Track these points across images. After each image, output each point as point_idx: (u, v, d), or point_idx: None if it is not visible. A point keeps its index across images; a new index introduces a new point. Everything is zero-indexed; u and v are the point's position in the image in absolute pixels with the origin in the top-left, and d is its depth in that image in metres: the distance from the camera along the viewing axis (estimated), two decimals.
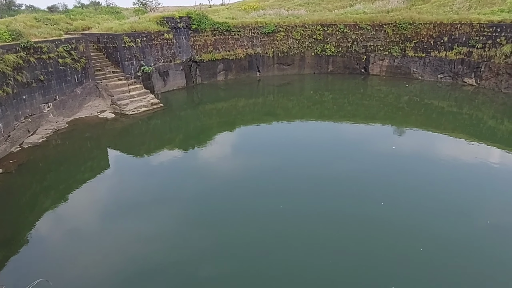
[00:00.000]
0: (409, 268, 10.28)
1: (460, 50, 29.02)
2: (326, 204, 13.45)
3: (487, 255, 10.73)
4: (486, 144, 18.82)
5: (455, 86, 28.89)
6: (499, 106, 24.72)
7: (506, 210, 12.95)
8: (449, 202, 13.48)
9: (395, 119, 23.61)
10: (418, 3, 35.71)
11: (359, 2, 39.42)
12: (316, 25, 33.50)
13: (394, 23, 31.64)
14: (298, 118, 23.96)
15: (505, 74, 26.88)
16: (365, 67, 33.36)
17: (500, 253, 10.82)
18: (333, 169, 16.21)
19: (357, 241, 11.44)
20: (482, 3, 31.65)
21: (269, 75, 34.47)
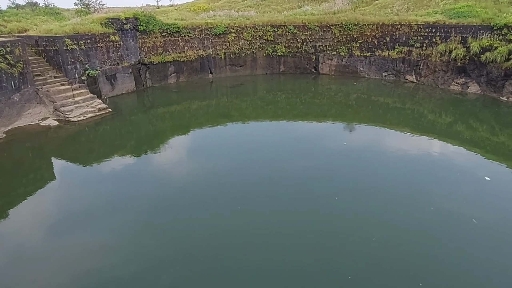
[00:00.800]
0: (363, 257, 10.72)
1: (401, 50, 30.86)
2: (283, 201, 13.64)
3: (433, 238, 11.50)
4: (427, 136, 20.18)
5: (398, 83, 30.68)
6: (437, 100, 26.63)
7: (447, 196, 13.96)
8: (397, 192, 14.27)
9: (346, 116, 24.55)
10: (361, 5, 37.45)
11: (307, 3, 40.51)
12: (267, 26, 33.91)
13: (340, 24, 32.89)
14: (253, 118, 24.10)
15: (441, 71, 29.01)
16: (315, 67, 34.35)
17: (444, 235, 11.65)
18: (288, 167, 16.48)
19: (313, 234, 11.73)
20: (418, 5, 33.90)
21: (221, 76, 34.33)
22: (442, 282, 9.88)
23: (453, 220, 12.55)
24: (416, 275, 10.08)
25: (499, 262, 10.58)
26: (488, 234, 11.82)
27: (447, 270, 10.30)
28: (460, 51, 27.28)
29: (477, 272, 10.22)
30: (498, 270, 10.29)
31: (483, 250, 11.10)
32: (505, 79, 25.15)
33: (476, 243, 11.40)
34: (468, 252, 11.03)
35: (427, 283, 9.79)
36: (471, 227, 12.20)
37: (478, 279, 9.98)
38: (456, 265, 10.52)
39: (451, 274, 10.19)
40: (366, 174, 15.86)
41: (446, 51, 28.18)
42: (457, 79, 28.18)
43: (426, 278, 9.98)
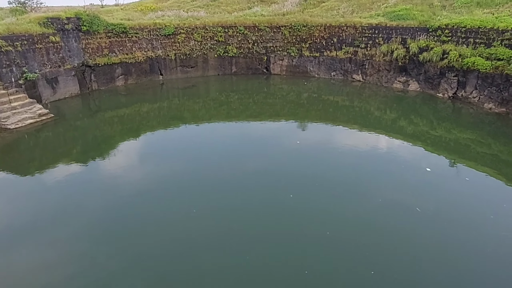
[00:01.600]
0: (318, 251, 10.99)
1: (348, 50, 32.18)
2: (239, 201, 13.61)
3: (382, 228, 12.08)
4: (374, 132, 21.21)
5: (346, 82, 31.95)
6: (382, 98, 28.11)
7: (394, 188, 14.75)
8: (348, 186, 14.82)
9: (298, 115, 25.07)
10: (309, 7, 38.53)
11: (256, 5, 40.87)
12: (217, 27, 33.72)
13: (290, 25, 33.57)
14: (206, 120, 23.81)
15: (384, 70, 30.66)
16: (266, 67, 34.75)
17: (392, 224, 12.28)
18: (243, 168, 16.48)
19: (269, 232, 11.83)
20: (362, 8, 35.57)
21: (172, 78, 33.56)
22: (392, 268, 10.40)
23: (400, 210, 13.28)
24: (368, 264, 10.51)
25: (441, 247, 11.35)
26: (430, 221, 12.65)
27: (396, 257, 10.86)
28: (400, 51, 29.01)
29: (422, 258, 10.87)
30: (441, 255, 11.03)
31: (427, 237, 11.85)
32: (440, 77, 27.14)
33: (420, 231, 12.14)
34: (413, 239, 11.71)
35: (379, 271, 10.25)
36: (415, 215, 12.98)
37: (423, 264, 10.63)
38: (404, 252, 11.13)
39: (400, 260, 10.76)
40: (318, 171, 16.29)
41: (389, 52, 29.83)
42: (399, 77, 29.95)
43: (377, 266, 10.44)
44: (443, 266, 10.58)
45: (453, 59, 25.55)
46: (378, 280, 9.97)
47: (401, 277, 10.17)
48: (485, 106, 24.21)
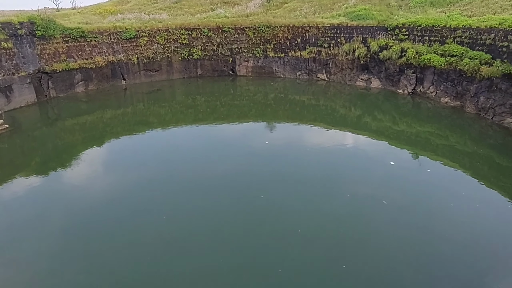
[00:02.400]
0: (292, 248, 11.06)
1: (312, 50, 32.74)
2: (211, 204, 13.44)
3: (352, 222, 12.36)
4: (340, 129, 21.70)
5: (311, 81, 32.50)
6: (346, 96, 28.83)
7: (361, 182, 15.13)
8: (317, 183, 15.04)
9: (265, 115, 25.18)
10: (272, 8, 38.84)
11: (219, 6, 40.66)
12: (180, 29, 33.22)
13: (254, 27, 33.68)
14: (173, 124, 23.38)
15: (347, 69, 31.48)
16: (232, 69, 34.68)
17: (361, 218, 12.60)
18: (212, 170, 16.31)
19: (242, 233, 11.78)
20: (323, 8, 36.33)
21: (136, 82, 32.67)
22: (363, 260, 10.65)
23: (367, 204, 13.64)
24: (340, 259, 10.72)
25: (408, 236, 11.77)
26: (396, 213, 13.09)
27: (366, 250, 11.14)
28: (362, 50, 29.89)
29: (391, 248, 11.22)
30: (408, 243, 11.43)
31: (394, 227, 12.25)
32: (400, 74, 28.24)
33: (387, 222, 12.54)
34: (382, 231, 12.06)
35: (350, 264, 10.47)
36: (382, 208, 13.39)
37: (392, 253, 10.97)
38: (373, 244, 11.43)
39: (370, 252, 11.04)
40: (288, 170, 16.42)
41: (351, 50, 30.65)
42: (362, 75, 30.85)
43: (348, 260, 10.66)
44: (410, 253, 10.97)
45: (411, 57, 26.65)
46: (350, 273, 10.18)
47: (371, 268, 10.43)
48: (442, 100, 25.43)
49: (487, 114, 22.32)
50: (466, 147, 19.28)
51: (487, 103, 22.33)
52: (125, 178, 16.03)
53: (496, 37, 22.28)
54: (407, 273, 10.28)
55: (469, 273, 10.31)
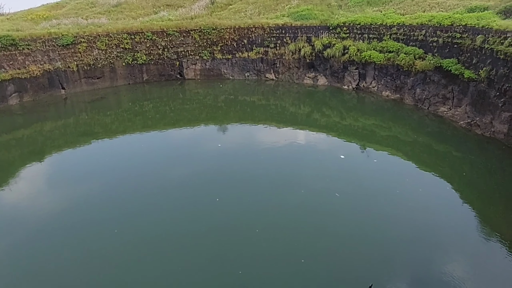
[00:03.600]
0: (250, 250, 11.01)
1: (259, 50, 33.03)
2: (165, 212, 13.02)
3: (308, 217, 12.59)
4: (291, 127, 22.10)
5: (260, 81, 32.79)
6: (295, 94, 29.46)
7: (314, 177, 15.48)
8: (272, 182, 15.14)
9: (217, 118, 24.95)
10: (217, 10, 38.64)
11: (162, 9, 39.67)
12: (122, 34, 31.91)
13: (199, 29, 33.25)
14: (120, 132, 22.37)
15: (294, 68, 32.20)
16: (180, 73, 33.98)
17: (316, 212, 12.88)
18: (165, 177, 15.83)
19: (200, 238, 11.53)
20: (268, 9, 36.83)
21: (77, 91, 30.81)
22: (321, 254, 10.88)
23: (321, 198, 13.99)
24: (298, 255, 10.86)
25: (361, 225, 12.23)
26: (349, 204, 13.56)
27: (323, 243, 11.40)
28: (307, 49, 30.72)
29: (347, 239, 11.58)
30: (362, 232, 11.88)
31: (348, 218, 12.67)
32: (344, 70, 29.41)
33: (341, 214, 12.95)
34: (336, 223, 12.43)
35: (308, 258, 10.64)
36: (335, 200, 13.80)
37: (349, 244, 11.32)
38: (329, 237, 11.73)
39: (327, 245, 11.31)
40: (242, 171, 16.39)
41: (296, 50, 31.38)
42: (308, 73, 31.71)
43: (306, 254, 10.83)
44: (365, 240, 11.40)
45: (353, 54, 27.85)
46: (309, 267, 10.35)
47: (330, 260, 10.70)
48: (383, 94, 26.88)
49: (423, 105, 23.93)
50: (407, 136, 20.52)
51: (423, 95, 23.95)
52: (70, 193, 15.02)
53: (426, 33, 23.96)
54: (363, 259, 10.66)
55: (419, 249, 10.93)
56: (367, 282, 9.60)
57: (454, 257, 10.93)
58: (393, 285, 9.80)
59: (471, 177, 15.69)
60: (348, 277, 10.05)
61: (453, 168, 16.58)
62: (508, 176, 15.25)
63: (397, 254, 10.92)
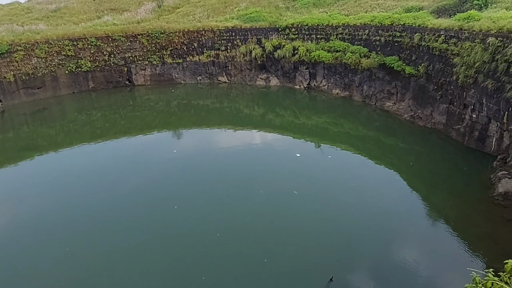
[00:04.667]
0: (212, 254, 10.82)
1: (210, 54, 32.77)
2: (121, 221, 12.43)
3: (268, 216, 12.63)
4: (247, 129, 22.13)
5: (213, 85, 32.54)
6: (248, 96, 29.59)
7: (272, 177, 15.59)
8: (231, 185, 15.03)
9: (171, 124, 24.37)
10: (164, 13, 37.83)
11: (106, 13, 38.12)
12: (63, 40, 30.14)
13: (147, 33, 32.31)
14: (66, 145, 21.05)
15: (246, 70, 32.34)
16: (129, 79, 32.77)
17: (276, 212, 12.96)
18: (119, 188, 15.12)
19: (161, 246, 11.15)
20: (216, 12, 36.70)
21: (15, 103, 28.56)
22: (282, 251, 10.95)
23: (279, 197, 14.11)
24: (260, 254, 10.84)
25: (320, 221, 12.49)
26: (306, 200, 13.80)
27: (284, 241, 11.47)
28: (258, 50, 30.98)
29: (307, 235, 11.76)
30: (321, 228, 12.13)
31: (307, 214, 12.89)
32: (295, 71, 30.03)
33: (301, 211, 13.14)
34: (297, 221, 12.58)
35: (271, 257, 10.66)
36: (294, 198, 13.97)
37: (309, 240, 11.50)
38: (290, 234, 11.84)
39: (288, 243, 11.41)
40: (199, 176, 16.10)
41: (247, 52, 31.53)
42: (261, 75, 32.00)
43: (269, 253, 10.85)
44: (325, 234, 11.65)
45: (303, 54, 28.52)
46: (272, 265, 10.37)
47: (292, 257, 10.79)
48: (334, 92, 27.81)
49: (370, 101, 25.09)
50: (358, 131, 21.37)
51: (370, 91, 25.10)
52: (12, 212, 13.84)
53: (369, 32, 25.15)
54: (324, 252, 10.88)
55: (375, 237, 11.36)
56: (328, 274, 9.80)
57: (406, 241, 11.52)
58: (353, 274, 10.10)
59: (417, 166, 16.66)
60: (310, 271, 10.20)
61: (401, 159, 17.51)
62: (449, 164, 16.39)
63: (355, 244, 11.28)
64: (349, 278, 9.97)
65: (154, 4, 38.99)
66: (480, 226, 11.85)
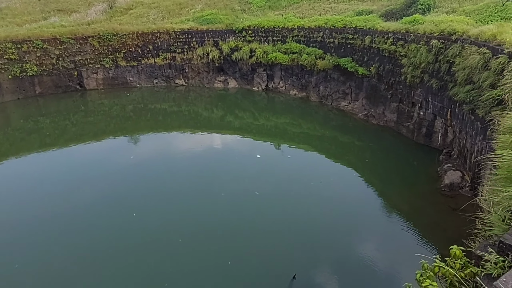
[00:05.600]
0: (174, 261, 10.55)
1: (166, 56, 32.07)
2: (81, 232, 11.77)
3: (230, 220, 12.55)
4: (207, 132, 21.90)
5: (170, 88, 31.88)
6: (207, 98, 29.32)
7: (234, 179, 15.52)
8: (191, 189, 14.76)
9: (126, 129, 23.52)
10: (117, 15, 36.50)
11: (53, 14, 36.07)
12: (6, 43, 28.08)
13: (98, 35, 30.97)
14: (12, 154, 19.58)
15: (204, 72, 32.04)
16: (80, 83, 31.21)
17: (238, 214, 12.91)
18: (71, 198, 14.30)
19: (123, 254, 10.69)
20: (171, 14, 36.02)
21: None
22: (246, 252, 10.92)
23: (241, 198, 14.09)
24: (224, 257, 10.74)
25: (282, 219, 12.61)
26: (268, 200, 13.89)
27: (248, 242, 11.45)
28: (215, 53, 30.80)
29: (270, 234, 11.81)
30: (284, 225, 12.25)
31: (270, 214, 12.97)
32: (252, 73, 30.22)
33: (263, 211, 13.20)
34: (259, 221, 12.62)
35: (235, 259, 10.59)
36: (256, 199, 14.01)
37: (273, 240, 11.56)
38: (253, 235, 11.84)
39: (252, 243, 11.40)
40: (158, 182, 15.68)
41: (204, 54, 31.25)
42: (218, 77, 31.84)
43: (232, 255, 10.77)
44: (287, 234, 11.77)
45: (260, 56, 28.76)
46: (237, 268, 10.31)
47: (255, 258, 10.79)
48: (291, 93, 28.31)
49: (327, 101, 25.83)
50: (316, 131, 21.91)
51: (326, 91, 25.85)
52: None
53: (324, 34, 25.91)
54: (286, 251, 10.99)
55: (335, 233, 11.68)
56: (291, 272, 9.90)
57: (364, 234, 11.97)
58: (315, 270, 10.30)
59: (372, 163, 17.37)
60: (273, 271, 10.27)
61: (357, 156, 18.18)
62: (400, 159, 17.27)
63: (316, 241, 11.52)
64: (311, 274, 10.15)
65: (105, 5, 37.48)
66: (430, 216, 12.57)
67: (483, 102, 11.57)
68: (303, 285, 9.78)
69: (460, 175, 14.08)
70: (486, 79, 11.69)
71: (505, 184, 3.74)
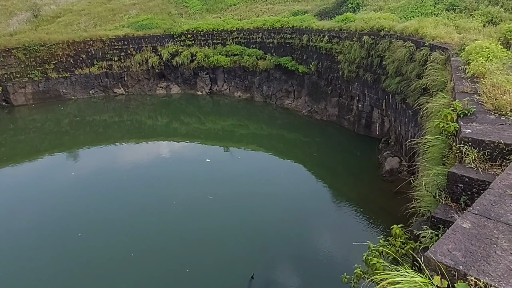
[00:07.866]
0: (131, 275, 10.07)
1: (101, 65, 30.50)
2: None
3: (185, 227, 12.25)
4: (152, 140, 21.20)
5: (109, 98, 30.38)
6: (150, 106, 28.40)
7: (183, 186, 15.19)
8: (140, 199, 14.18)
9: (64, 145, 21.96)
10: (43, 24, 34.01)
11: None
12: None
13: (23, 46, 28.60)
14: None
15: (144, 79, 31.01)
16: (6, 99, 28.53)
17: (192, 220, 12.64)
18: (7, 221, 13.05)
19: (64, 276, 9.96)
20: (104, 20, 34.36)
21: None
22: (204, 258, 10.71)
23: (194, 204, 13.80)
24: (182, 264, 10.47)
25: (237, 222, 12.58)
26: (221, 203, 13.78)
27: (204, 247, 11.24)
28: (154, 59, 29.94)
29: (227, 238, 11.71)
30: (239, 227, 12.22)
31: (223, 217, 12.85)
32: (195, 77, 29.84)
33: (215, 215, 13.04)
34: (213, 225, 12.45)
35: (193, 266, 10.35)
36: (209, 203, 13.82)
37: (229, 243, 11.47)
38: (208, 240, 11.65)
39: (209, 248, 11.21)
40: (103, 198, 14.84)
41: (143, 60, 30.24)
42: (160, 83, 31.01)
43: (190, 263, 10.52)
44: (243, 235, 11.76)
45: (201, 60, 28.49)
46: (195, 274, 10.09)
47: (213, 262, 10.62)
48: (235, 95, 28.41)
49: (271, 100, 26.30)
50: (263, 131, 22.20)
51: (269, 91, 26.31)
52: None
53: (263, 35, 26.35)
54: (243, 252, 10.97)
55: (289, 229, 11.88)
56: (249, 273, 9.90)
57: (317, 226, 12.35)
58: (272, 268, 10.39)
59: (319, 157, 17.99)
60: (231, 273, 10.21)
61: (304, 152, 18.72)
62: (345, 151, 18.10)
63: (271, 239, 11.64)
64: (269, 272, 10.24)
65: (29, 14, 34.75)
66: (376, 201, 13.31)
67: (412, 92, 12.49)
68: (261, 283, 9.84)
69: (398, 161, 15.08)
70: (412, 70, 12.65)
71: (433, 164, 4.06)
